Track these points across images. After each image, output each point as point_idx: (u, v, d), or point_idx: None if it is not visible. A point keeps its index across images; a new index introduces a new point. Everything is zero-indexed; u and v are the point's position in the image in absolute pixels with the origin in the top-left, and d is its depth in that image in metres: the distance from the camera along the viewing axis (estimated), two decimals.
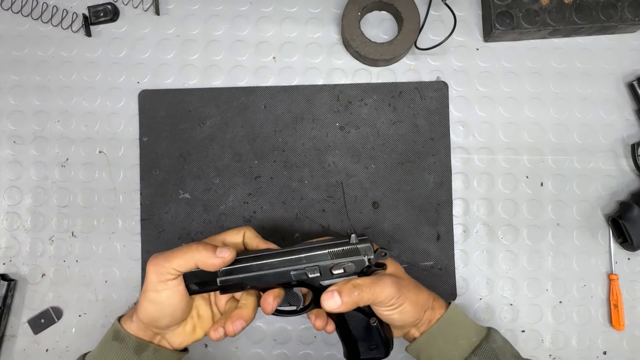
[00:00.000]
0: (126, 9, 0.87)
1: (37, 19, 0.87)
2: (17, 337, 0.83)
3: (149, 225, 0.84)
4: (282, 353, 0.82)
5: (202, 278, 0.62)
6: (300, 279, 0.63)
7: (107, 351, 0.62)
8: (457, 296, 0.82)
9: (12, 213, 0.85)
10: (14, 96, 0.86)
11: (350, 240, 0.64)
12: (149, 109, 0.85)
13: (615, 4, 0.82)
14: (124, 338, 0.62)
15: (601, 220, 0.84)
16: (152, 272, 0.60)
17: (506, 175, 0.84)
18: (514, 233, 0.83)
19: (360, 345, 0.65)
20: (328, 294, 0.61)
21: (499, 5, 0.82)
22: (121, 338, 0.62)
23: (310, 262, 0.63)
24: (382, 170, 0.83)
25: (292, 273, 0.63)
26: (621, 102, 0.85)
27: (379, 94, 0.85)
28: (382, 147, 0.84)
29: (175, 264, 0.59)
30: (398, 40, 0.82)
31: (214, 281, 0.63)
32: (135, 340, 0.62)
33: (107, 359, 0.62)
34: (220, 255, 0.60)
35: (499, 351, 0.64)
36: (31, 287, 0.83)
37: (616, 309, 0.81)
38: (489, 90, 0.85)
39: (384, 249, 0.62)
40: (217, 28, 0.87)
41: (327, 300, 0.61)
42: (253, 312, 0.63)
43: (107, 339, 0.63)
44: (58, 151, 0.85)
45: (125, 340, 0.62)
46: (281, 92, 0.85)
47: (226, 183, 0.84)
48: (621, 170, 0.84)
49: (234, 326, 0.61)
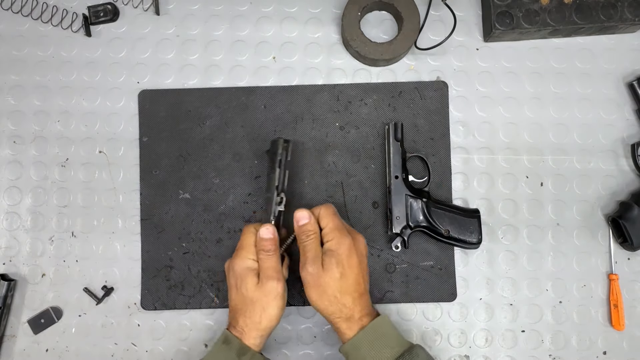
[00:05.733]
0: (126, 9, 0.87)
1: (37, 19, 0.87)
2: (17, 337, 0.83)
3: (149, 225, 0.84)
4: (282, 353, 0.82)
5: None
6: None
7: (217, 353, 0.70)
8: (457, 296, 0.82)
9: (12, 213, 0.85)
10: (14, 96, 0.86)
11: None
12: (149, 109, 0.85)
13: (615, 4, 0.82)
14: (230, 341, 0.70)
15: (601, 220, 0.84)
16: (279, 279, 0.70)
17: (506, 175, 0.84)
18: (514, 233, 0.83)
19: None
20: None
21: (499, 5, 0.82)
22: (229, 341, 0.70)
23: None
24: (382, 170, 0.83)
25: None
26: (621, 102, 0.85)
27: (379, 94, 0.85)
28: (382, 147, 0.84)
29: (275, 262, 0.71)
30: (398, 40, 0.82)
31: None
32: (239, 343, 0.69)
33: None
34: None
35: None
36: (31, 287, 0.83)
37: (616, 309, 0.81)
38: (489, 90, 0.85)
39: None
40: (217, 28, 0.87)
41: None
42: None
43: (218, 342, 0.71)
44: (58, 151, 0.85)
45: (231, 343, 0.70)
46: (281, 92, 0.85)
47: (226, 183, 0.84)
48: (621, 170, 0.84)
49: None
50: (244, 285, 0.70)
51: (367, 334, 0.67)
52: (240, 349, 0.69)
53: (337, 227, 0.71)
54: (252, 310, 0.70)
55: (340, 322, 0.69)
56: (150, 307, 0.82)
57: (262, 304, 0.69)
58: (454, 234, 0.79)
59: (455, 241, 0.79)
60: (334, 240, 0.70)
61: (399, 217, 0.78)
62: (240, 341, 0.69)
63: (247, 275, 0.71)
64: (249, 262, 0.72)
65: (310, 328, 0.83)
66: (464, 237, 0.79)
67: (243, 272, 0.71)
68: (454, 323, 0.82)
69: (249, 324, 0.70)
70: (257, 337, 0.70)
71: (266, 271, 0.70)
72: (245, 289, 0.70)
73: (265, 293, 0.69)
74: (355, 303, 0.69)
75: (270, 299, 0.69)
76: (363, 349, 0.67)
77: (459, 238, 0.79)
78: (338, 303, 0.68)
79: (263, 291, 0.69)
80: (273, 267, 0.71)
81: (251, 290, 0.70)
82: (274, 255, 0.71)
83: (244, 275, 0.71)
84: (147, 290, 0.83)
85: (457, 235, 0.79)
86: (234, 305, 0.72)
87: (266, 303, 0.69)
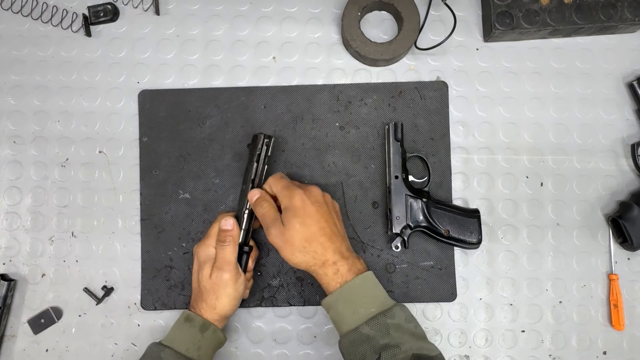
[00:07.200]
0: (126, 9, 0.87)
1: (37, 19, 0.87)
2: (17, 337, 0.83)
3: (149, 225, 0.84)
4: (282, 353, 0.82)
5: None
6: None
7: (179, 330, 0.73)
8: (457, 296, 0.82)
9: (12, 213, 0.85)
10: (14, 96, 0.86)
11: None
12: (149, 109, 0.85)
13: (615, 4, 0.82)
14: (192, 319, 0.73)
15: (601, 220, 0.84)
16: (227, 271, 0.72)
17: (506, 175, 0.84)
18: (514, 233, 0.83)
19: None
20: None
21: (499, 5, 0.82)
22: (190, 319, 0.73)
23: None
24: (382, 170, 0.83)
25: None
26: (621, 102, 0.85)
27: (379, 94, 0.85)
28: (382, 147, 0.84)
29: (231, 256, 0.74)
30: (398, 40, 0.82)
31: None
32: (201, 320, 0.73)
33: (180, 336, 0.72)
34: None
35: (393, 327, 0.65)
36: (31, 287, 0.83)
37: (616, 309, 0.81)
38: (489, 90, 0.85)
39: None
40: (217, 28, 0.87)
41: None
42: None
43: (180, 321, 0.74)
44: (58, 151, 0.85)
45: (194, 320, 0.73)
46: (281, 92, 0.85)
47: (226, 183, 0.84)
48: (621, 170, 0.84)
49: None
50: (201, 272, 0.74)
51: (345, 291, 0.68)
52: (202, 325, 0.72)
53: (285, 186, 0.73)
54: (207, 296, 0.73)
55: (317, 268, 0.70)
56: (150, 307, 0.82)
57: (215, 293, 0.73)
58: (454, 234, 0.79)
59: (455, 241, 0.79)
60: (285, 198, 0.72)
61: (399, 217, 0.78)
62: (202, 318, 0.73)
63: (206, 263, 0.74)
64: (211, 251, 0.75)
65: (310, 328, 0.83)
66: (464, 237, 0.79)
67: (203, 260, 0.75)
68: (454, 323, 0.82)
69: (205, 307, 0.73)
70: (215, 320, 0.74)
71: (218, 262, 0.73)
72: (202, 275, 0.74)
73: (215, 282, 0.73)
74: (325, 247, 0.70)
75: (220, 289, 0.73)
76: (340, 306, 0.68)
77: (459, 238, 0.79)
78: (308, 251, 0.69)
79: (213, 280, 0.73)
80: (225, 258, 0.73)
81: (205, 279, 0.74)
82: (228, 246, 0.74)
83: (202, 263, 0.74)
84: (147, 290, 0.83)
85: (457, 235, 0.79)
86: (194, 289, 0.76)
87: (218, 292, 0.73)
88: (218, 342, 0.75)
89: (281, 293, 0.82)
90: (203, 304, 0.73)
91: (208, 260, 0.74)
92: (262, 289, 0.82)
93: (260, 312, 0.83)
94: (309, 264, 0.70)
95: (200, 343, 0.72)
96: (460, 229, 0.79)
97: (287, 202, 0.72)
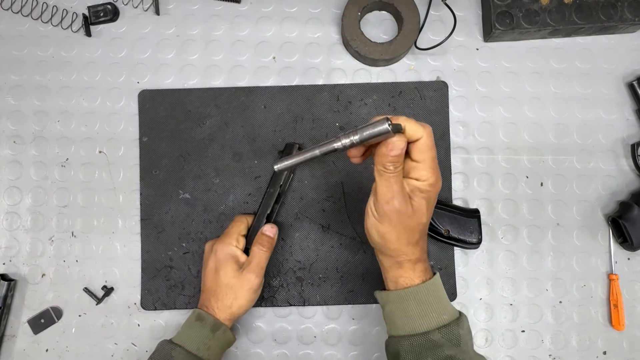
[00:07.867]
0: (126, 9, 0.87)
1: (37, 19, 0.87)
2: (17, 337, 0.83)
3: (149, 225, 0.84)
4: (282, 353, 0.82)
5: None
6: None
7: (190, 328, 0.73)
8: (457, 296, 0.82)
9: (12, 213, 0.85)
10: (14, 96, 0.86)
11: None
12: (149, 109, 0.85)
13: (615, 4, 0.82)
14: (204, 318, 0.73)
15: (601, 220, 0.84)
16: (259, 275, 0.74)
17: (506, 175, 0.84)
18: (514, 233, 0.83)
19: None
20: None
21: (499, 5, 0.82)
22: (202, 318, 0.73)
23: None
24: None
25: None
26: (621, 102, 0.85)
27: (379, 94, 0.85)
28: None
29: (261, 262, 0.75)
30: (398, 40, 0.82)
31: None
32: (212, 320, 0.73)
33: (191, 334, 0.72)
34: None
35: (463, 338, 0.62)
36: (31, 287, 0.83)
37: (616, 309, 0.81)
38: (489, 90, 0.85)
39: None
40: (217, 28, 0.87)
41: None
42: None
43: (191, 319, 0.74)
44: (58, 151, 0.85)
45: (205, 320, 0.73)
46: (281, 92, 0.85)
47: (226, 183, 0.84)
48: (621, 170, 0.84)
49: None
50: (223, 270, 0.74)
51: (420, 291, 0.63)
52: (214, 325, 0.72)
53: (435, 167, 0.62)
54: (225, 295, 0.73)
55: (405, 263, 0.64)
56: (150, 307, 0.83)
57: (235, 291, 0.73)
58: (454, 234, 0.79)
59: (455, 241, 0.79)
60: (429, 181, 0.62)
61: None
62: (214, 318, 0.73)
63: (228, 261, 0.74)
64: (233, 249, 0.75)
65: (310, 328, 0.83)
66: (464, 237, 0.79)
67: (225, 258, 0.74)
68: None
69: (220, 306, 0.73)
70: (226, 320, 0.73)
71: (252, 264, 0.74)
72: (224, 273, 0.73)
73: (242, 282, 0.73)
74: (421, 247, 0.65)
75: (245, 290, 0.73)
76: (410, 305, 0.63)
77: (459, 238, 0.79)
78: (415, 246, 0.64)
79: (240, 280, 0.73)
80: (260, 262, 0.74)
81: (229, 276, 0.73)
82: (265, 252, 0.75)
83: (224, 261, 0.74)
84: (147, 290, 0.83)
85: (457, 235, 0.79)
86: (209, 287, 0.75)
87: (239, 292, 0.73)
88: (227, 342, 0.75)
89: (281, 293, 0.82)
90: (218, 303, 0.73)
91: (230, 259, 0.74)
92: (262, 289, 0.82)
93: (260, 312, 0.83)
94: (402, 256, 0.64)
95: (211, 343, 0.72)
96: (460, 229, 0.79)
97: (428, 186, 0.62)
